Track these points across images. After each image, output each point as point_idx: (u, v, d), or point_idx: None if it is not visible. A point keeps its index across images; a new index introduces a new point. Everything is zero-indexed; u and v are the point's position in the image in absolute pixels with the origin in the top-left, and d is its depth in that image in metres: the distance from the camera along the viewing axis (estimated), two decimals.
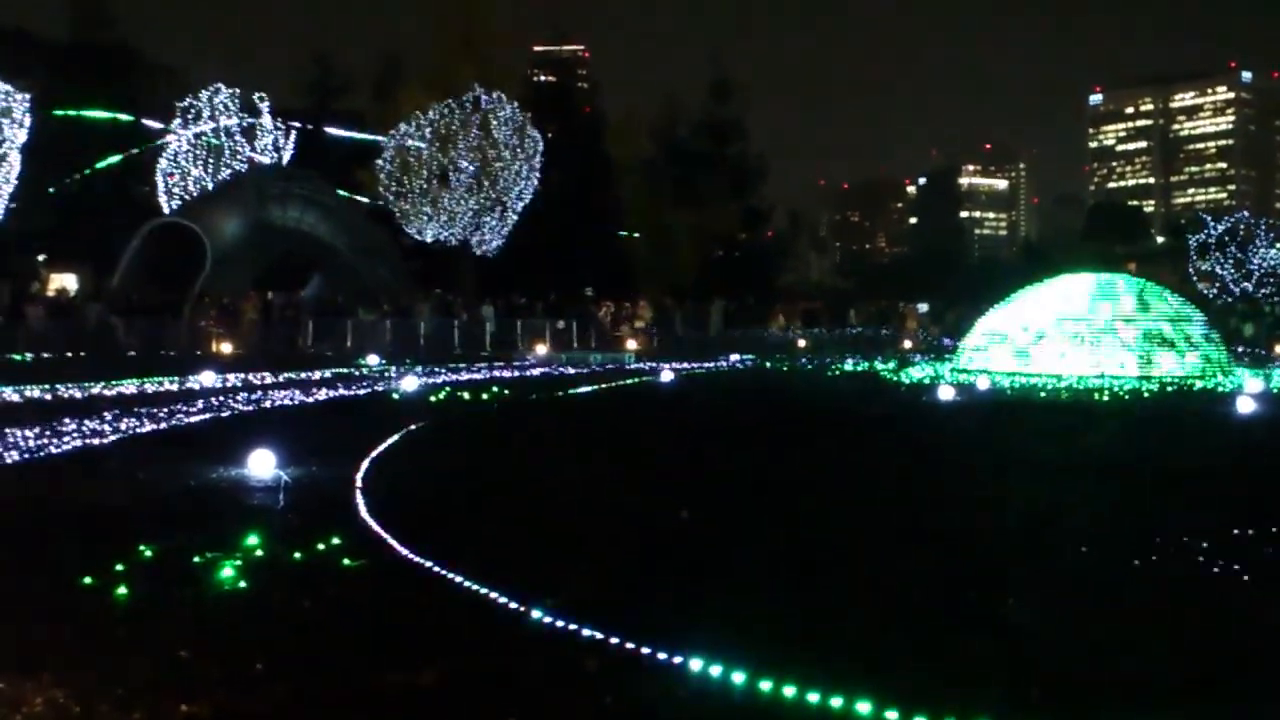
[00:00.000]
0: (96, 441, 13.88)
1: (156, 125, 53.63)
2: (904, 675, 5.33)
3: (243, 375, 25.37)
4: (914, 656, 5.72)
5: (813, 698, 4.94)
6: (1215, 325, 30.57)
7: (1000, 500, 10.58)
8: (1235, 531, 8.75)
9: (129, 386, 22.64)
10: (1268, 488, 11.42)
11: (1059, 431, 16.80)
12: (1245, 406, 19.55)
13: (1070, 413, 20.08)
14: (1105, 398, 22.44)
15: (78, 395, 20.65)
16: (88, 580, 6.93)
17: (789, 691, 5.01)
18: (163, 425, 15.77)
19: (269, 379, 25.07)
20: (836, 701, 4.89)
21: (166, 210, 49.66)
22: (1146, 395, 23.02)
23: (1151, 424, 18.66)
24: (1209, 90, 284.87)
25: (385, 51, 66.90)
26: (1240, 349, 37.05)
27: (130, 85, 59.63)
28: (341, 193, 53.18)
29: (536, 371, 30.54)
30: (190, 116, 52.03)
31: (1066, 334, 27.51)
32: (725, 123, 73.50)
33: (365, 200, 54.35)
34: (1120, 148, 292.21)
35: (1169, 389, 24.39)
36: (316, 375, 27.03)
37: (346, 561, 7.68)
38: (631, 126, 65.97)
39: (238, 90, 52.65)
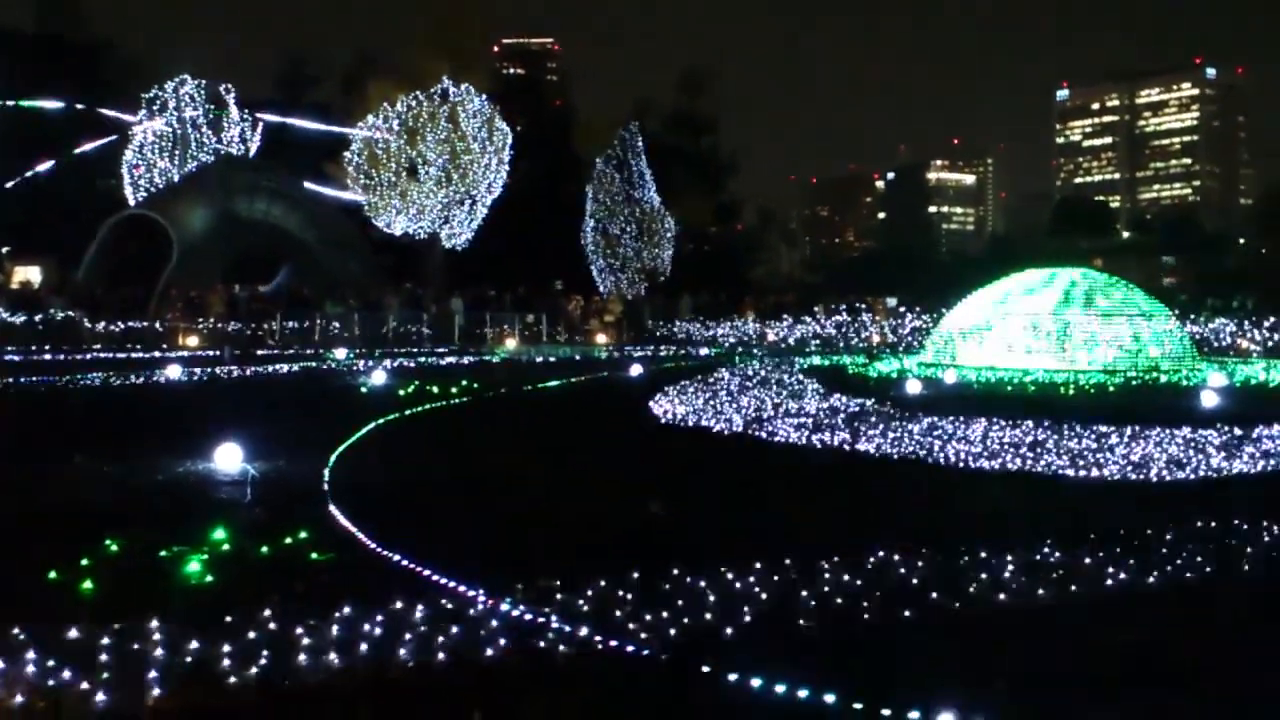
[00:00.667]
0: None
1: (122, 116, 53.19)
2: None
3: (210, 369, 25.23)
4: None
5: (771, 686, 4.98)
6: (1181, 320, 30.86)
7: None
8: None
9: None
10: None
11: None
12: (1209, 401, 19.73)
13: (1034, 408, 20.20)
14: (1070, 392, 22.61)
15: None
16: (53, 575, 6.90)
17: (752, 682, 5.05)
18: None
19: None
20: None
21: (132, 202, 49.31)
22: (1111, 390, 23.21)
23: (1112, 419, 18.78)
24: (1174, 86, 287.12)
25: (354, 44, 66.55)
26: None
27: (96, 76, 59.14)
28: (310, 186, 52.93)
29: (504, 366, 30.49)
30: (156, 108, 51.67)
31: (1033, 328, 27.71)
32: (696, 116, 73.60)
33: (333, 193, 54.10)
34: (1087, 143, 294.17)
35: (1134, 383, 24.60)
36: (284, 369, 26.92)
37: (314, 555, 7.67)
38: (600, 124, 65.92)
39: (204, 82, 52.32)
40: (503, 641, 5.72)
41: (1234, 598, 7.12)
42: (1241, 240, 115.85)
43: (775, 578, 6.98)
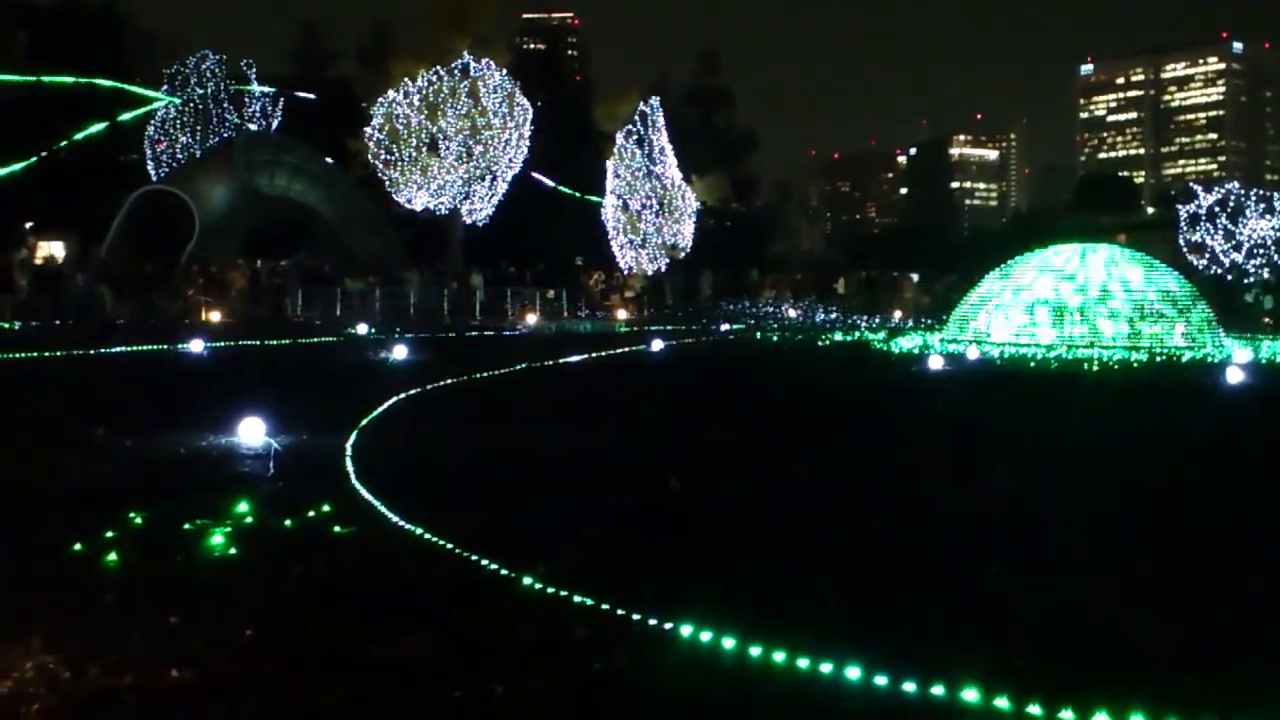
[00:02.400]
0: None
1: (144, 91, 53.26)
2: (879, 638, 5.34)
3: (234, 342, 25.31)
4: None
5: (801, 662, 4.95)
6: (1206, 297, 30.62)
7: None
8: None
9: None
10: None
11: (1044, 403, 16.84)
12: (1234, 377, 19.60)
13: (1059, 384, 20.11)
14: (1094, 368, 22.47)
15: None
16: (77, 547, 6.91)
17: (778, 656, 5.02)
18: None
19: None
20: (823, 665, 4.90)
21: (154, 178, 49.41)
22: (1135, 366, 23.07)
23: (1138, 395, 18.68)
24: (1200, 61, 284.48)
25: (375, 19, 66.37)
26: (1265, 321, 37.19)
27: (117, 51, 59.16)
28: (330, 161, 52.93)
29: (526, 341, 30.49)
30: (177, 83, 51.73)
31: (1056, 304, 27.53)
32: (714, 91, 73.33)
33: (353, 169, 54.10)
34: (1111, 118, 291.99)
35: (1158, 360, 24.44)
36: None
37: (337, 529, 7.66)
38: (620, 98, 65.67)
39: (225, 57, 52.36)
40: (522, 616, 5.70)
41: None
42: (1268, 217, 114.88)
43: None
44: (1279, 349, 27.05)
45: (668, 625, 5.43)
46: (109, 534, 7.19)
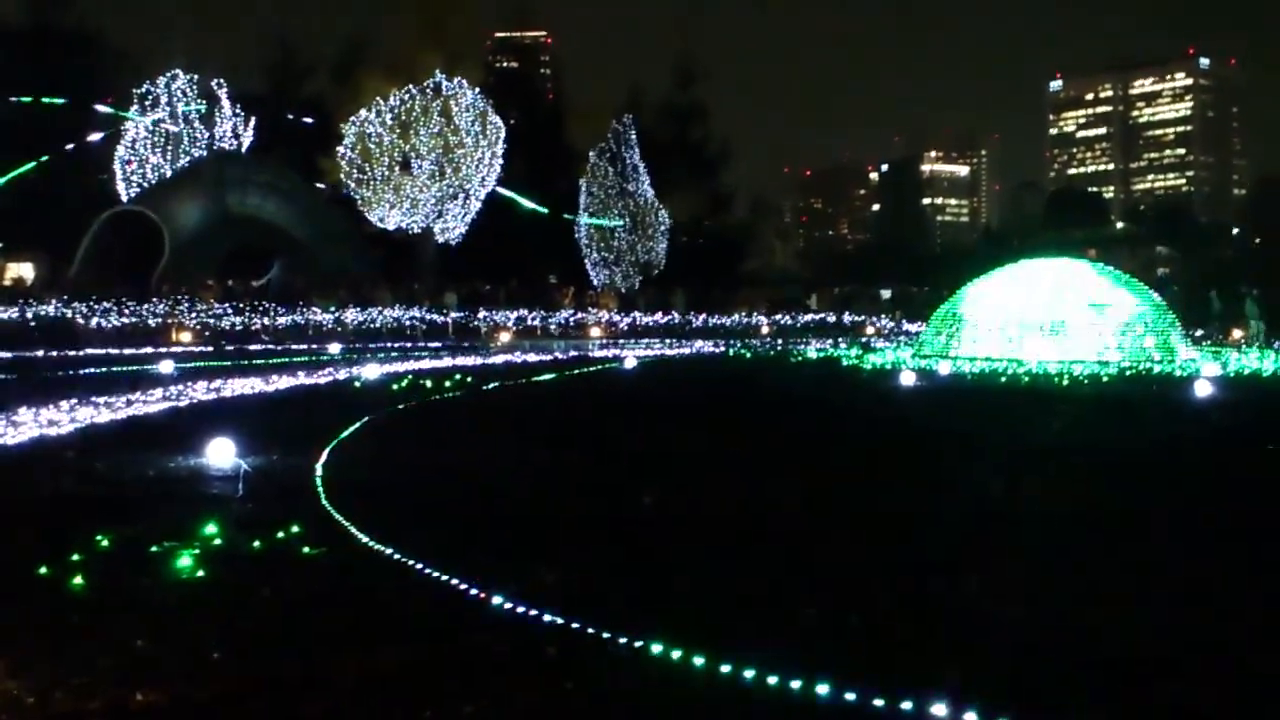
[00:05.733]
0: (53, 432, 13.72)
1: (115, 112, 53.04)
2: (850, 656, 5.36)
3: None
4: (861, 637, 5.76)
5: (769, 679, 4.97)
6: (1174, 310, 30.88)
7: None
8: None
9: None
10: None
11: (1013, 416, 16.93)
12: (1202, 390, 19.77)
13: (1029, 398, 20.23)
14: (1064, 383, 22.62)
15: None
16: (43, 570, 6.86)
17: (747, 674, 5.04)
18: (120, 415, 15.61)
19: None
20: (781, 681, 4.92)
21: (125, 198, 49.20)
22: (1105, 380, 23.23)
23: (1106, 409, 18.81)
24: (1168, 77, 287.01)
25: (347, 37, 66.32)
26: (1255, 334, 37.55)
27: (88, 71, 58.91)
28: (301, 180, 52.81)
29: (499, 360, 30.47)
30: (148, 103, 51.58)
31: (1026, 320, 27.71)
32: (688, 108, 73.60)
33: (325, 187, 54.00)
34: (1081, 134, 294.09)
35: (1128, 374, 24.62)
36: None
37: (306, 550, 7.64)
38: (593, 116, 65.83)
39: (196, 76, 52.23)
40: (494, 633, 5.71)
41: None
42: (1235, 230, 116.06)
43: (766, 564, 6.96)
44: (1246, 364, 27.29)
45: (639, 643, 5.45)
46: (75, 556, 7.16)
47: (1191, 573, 7.28)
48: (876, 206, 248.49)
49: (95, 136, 52.95)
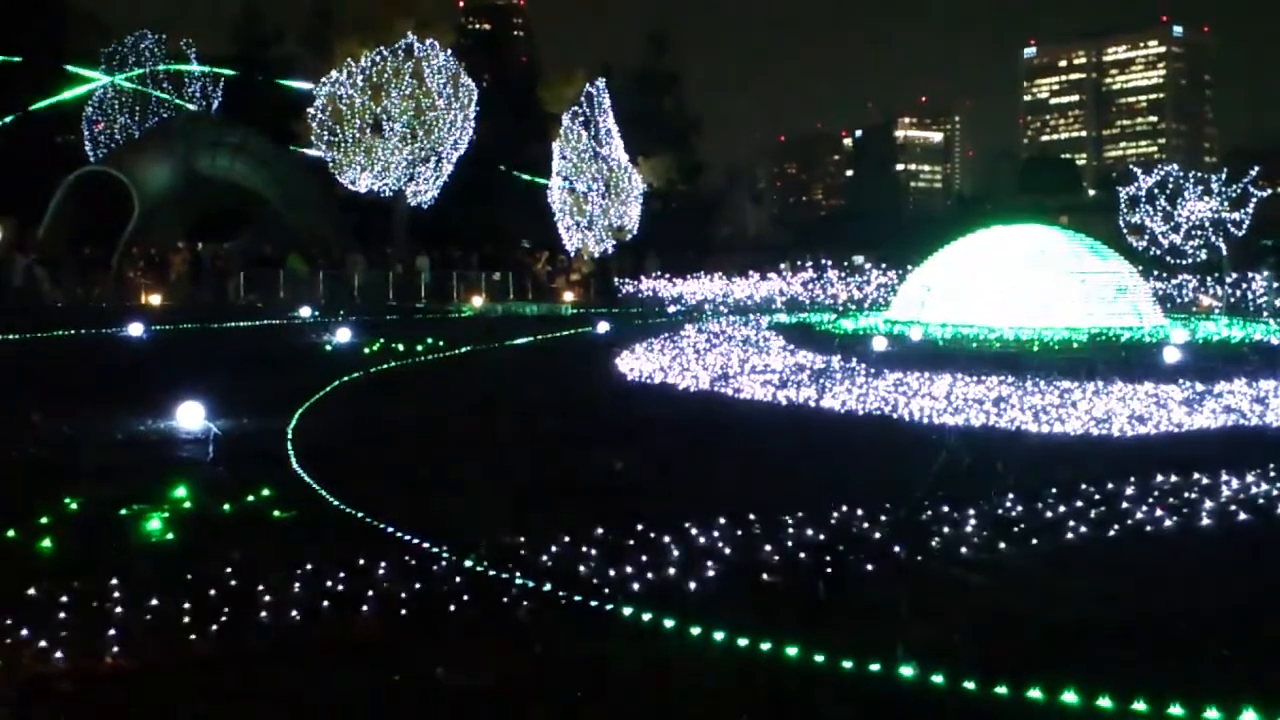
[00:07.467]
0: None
1: (82, 71, 52.35)
2: None
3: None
4: None
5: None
6: (1146, 276, 31.01)
7: None
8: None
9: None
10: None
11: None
12: (1170, 357, 19.90)
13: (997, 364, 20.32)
14: (1035, 349, 22.74)
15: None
16: (10, 534, 6.83)
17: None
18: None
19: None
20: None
21: (93, 159, 48.64)
22: (1076, 346, 23.35)
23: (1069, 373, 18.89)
24: (1141, 44, 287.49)
25: None
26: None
27: (55, 30, 58.05)
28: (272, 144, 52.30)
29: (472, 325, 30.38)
30: (116, 63, 50.95)
31: (998, 285, 27.78)
32: (661, 75, 73.25)
33: (298, 150, 53.50)
34: (1054, 101, 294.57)
35: (1099, 340, 24.74)
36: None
37: (276, 513, 7.63)
38: (567, 80, 65.42)
39: (164, 36, 51.60)
40: (465, 597, 5.72)
41: (1195, 547, 7.19)
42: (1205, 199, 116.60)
43: (738, 532, 7.01)
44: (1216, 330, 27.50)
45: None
46: (43, 519, 7.12)
47: None
48: (850, 173, 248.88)
49: (63, 96, 52.21)
